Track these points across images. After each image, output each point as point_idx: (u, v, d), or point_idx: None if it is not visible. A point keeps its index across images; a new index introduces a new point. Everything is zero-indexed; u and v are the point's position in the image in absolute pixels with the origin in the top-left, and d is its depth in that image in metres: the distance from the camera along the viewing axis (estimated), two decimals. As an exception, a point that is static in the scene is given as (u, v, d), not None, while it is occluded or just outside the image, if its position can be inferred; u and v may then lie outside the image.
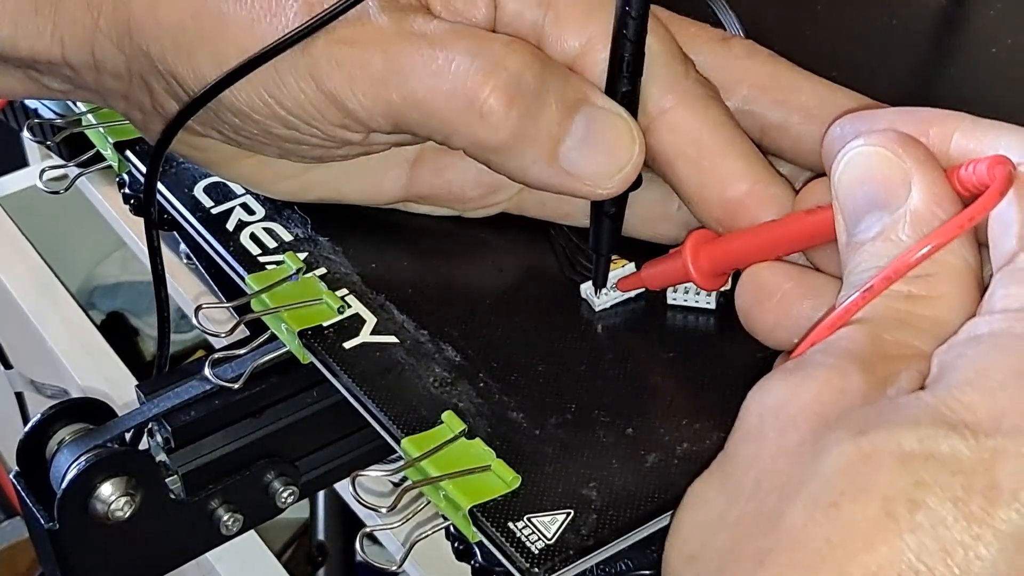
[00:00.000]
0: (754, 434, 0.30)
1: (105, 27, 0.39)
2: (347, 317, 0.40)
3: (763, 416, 0.30)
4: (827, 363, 0.29)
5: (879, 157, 0.31)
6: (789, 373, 0.30)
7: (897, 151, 0.31)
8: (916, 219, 0.31)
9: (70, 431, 0.40)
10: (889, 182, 0.31)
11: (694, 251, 0.38)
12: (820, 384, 0.29)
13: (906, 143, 0.31)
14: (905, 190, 0.31)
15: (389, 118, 0.37)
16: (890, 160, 0.31)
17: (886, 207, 0.31)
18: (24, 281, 0.71)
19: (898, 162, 0.31)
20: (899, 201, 0.31)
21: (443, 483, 0.35)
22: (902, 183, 0.31)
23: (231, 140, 0.40)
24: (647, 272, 0.40)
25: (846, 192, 0.32)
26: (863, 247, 0.31)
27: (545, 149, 0.37)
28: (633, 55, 0.37)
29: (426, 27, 0.37)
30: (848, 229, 0.32)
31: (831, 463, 0.27)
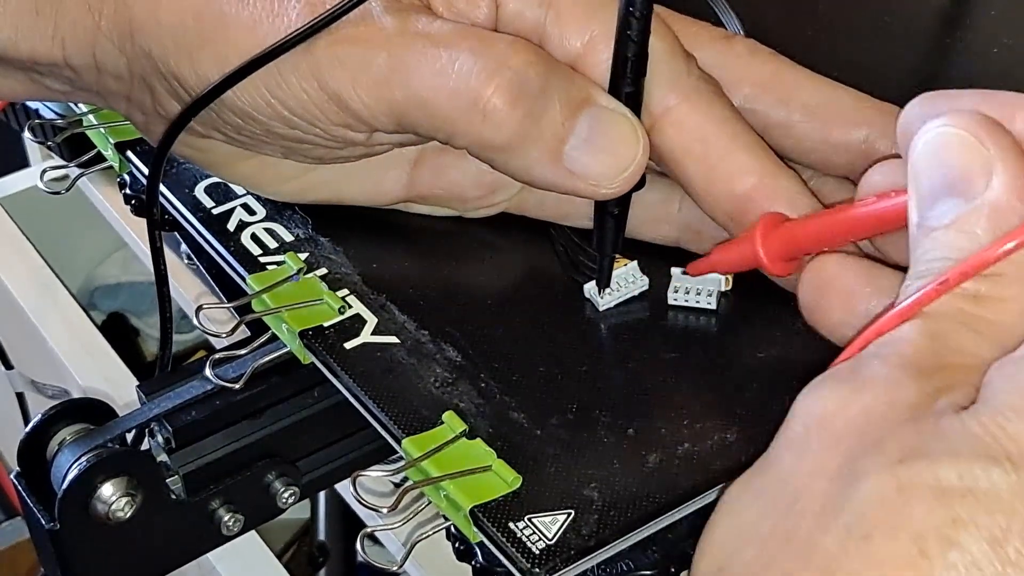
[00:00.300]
0: (797, 445, 0.29)
1: (106, 28, 0.39)
2: (348, 317, 0.40)
3: (808, 427, 0.29)
4: (881, 374, 0.28)
5: (960, 140, 0.30)
6: (842, 382, 0.29)
7: (980, 136, 0.30)
8: (994, 212, 0.29)
9: (71, 431, 0.40)
10: (969, 169, 0.29)
11: (764, 235, 0.37)
12: (870, 399, 0.28)
13: (991, 129, 0.30)
14: (985, 179, 0.29)
15: (392, 117, 0.37)
16: (972, 145, 0.30)
17: (963, 195, 0.30)
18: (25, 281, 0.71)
19: (980, 148, 0.29)
20: (977, 190, 0.29)
21: (444, 483, 0.35)
22: (982, 171, 0.29)
23: (233, 141, 0.40)
24: (717, 256, 0.39)
25: (922, 172, 0.31)
26: (934, 233, 0.30)
27: (549, 149, 0.37)
28: (637, 55, 0.36)
29: (429, 27, 0.37)
30: (920, 211, 0.31)
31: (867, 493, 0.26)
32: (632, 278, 0.40)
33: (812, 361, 0.37)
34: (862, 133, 0.39)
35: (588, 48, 0.38)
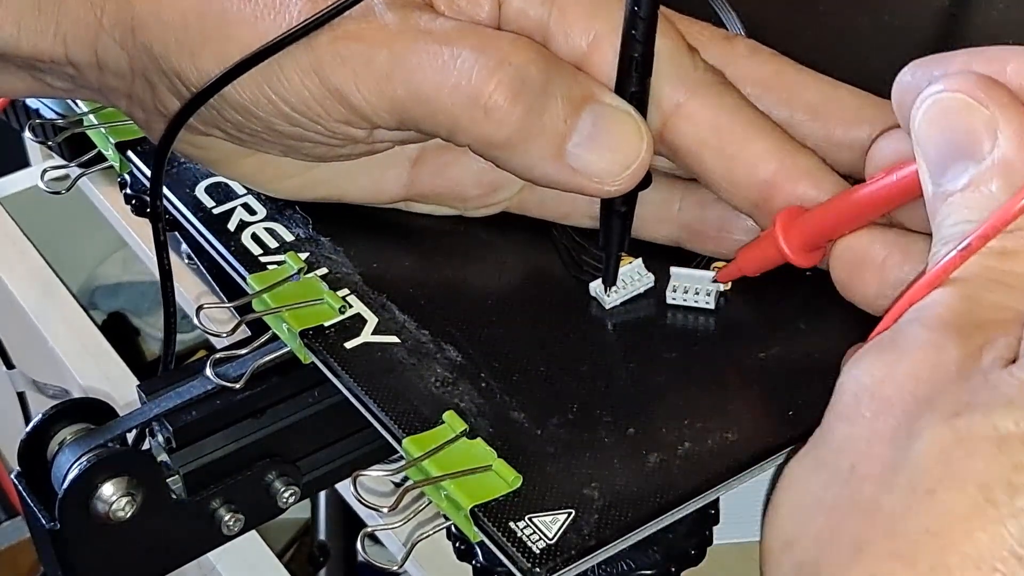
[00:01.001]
0: (849, 415, 0.29)
1: (108, 25, 0.39)
2: (348, 317, 0.40)
3: (858, 396, 0.29)
4: (922, 337, 0.28)
5: (959, 103, 0.30)
6: (884, 349, 0.29)
7: (979, 95, 0.30)
8: (1007, 169, 0.29)
9: (71, 431, 0.40)
10: (973, 130, 0.30)
11: (785, 230, 0.37)
12: (915, 361, 0.28)
13: (987, 86, 0.30)
14: (991, 138, 0.29)
15: (394, 114, 0.37)
16: (972, 106, 0.30)
17: (972, 156, 0.30)
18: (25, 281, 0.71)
19: (980, 108, 0.30)
20: (985, 149, 0.29)
21: (444, 483, 0.35)
22: (987, 130, 0.29)
23: (233, 138, 0.40)
24: (742, 259, 0.39)
25: (928, 141, 0.31)
26: (950, 199, 0.30)
27: (551, 146, 0.37)
28: (642, 55, 0.37)
29: (431, 24, 0.37)
30: (933, 179, 0.31)
31: (926, 449, 0.26)
32: (638, 275, 0.40)
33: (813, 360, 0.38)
34: (864, 131, 0.39)
35: (593, 47, 0.38)
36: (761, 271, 0.39)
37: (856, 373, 0.29)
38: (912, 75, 0.32)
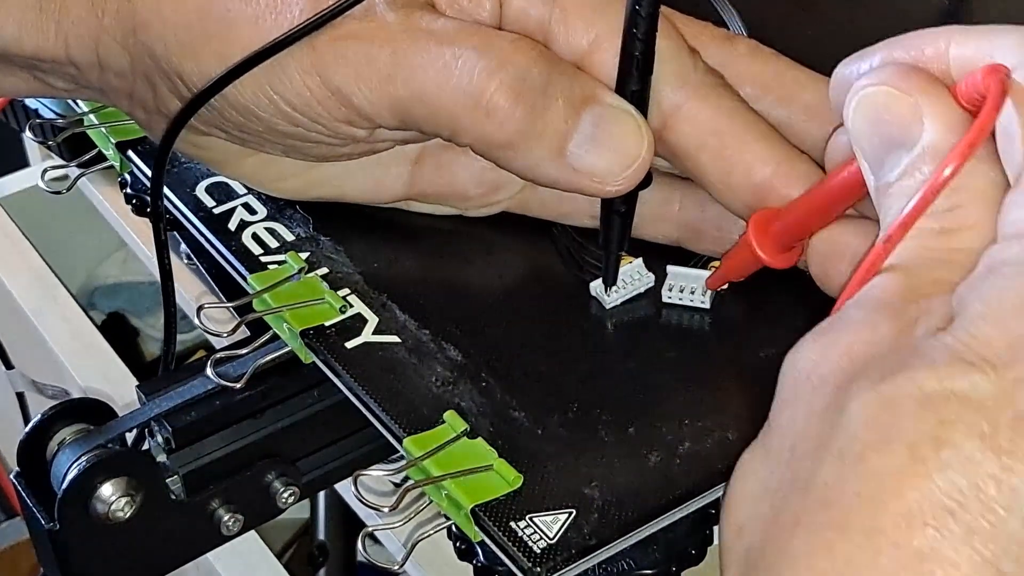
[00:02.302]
0: (789, 400, 0.29)
1: (110, 26, 0.39)
2: (349, 317, 0.40)
3: (796, 380, 0.29)
4: (857, 318, 0.29)
5: (885, 95, 0.30)
6: (821, 333, 0.29)
7: (900, 85, 0.30)
8: (935, 153, 0.29)
9: (71, 431, 0.40)
10: (901, 119, 0.30)
11: (757, 234, 0.37)
12: (850, 339, 0.28)
13: (907, 75, 0.30)
14: (919, 124, 0.30)
15: (395, 114, 0.37)
16: (896, 96, 0.30)
17: (903, 145, 0.30)
18: (25, 281, 0.71)
19: (904, 97, 0.30)
20: (915, 136, 0.30)
21: (445, 482, 0.35)
22: (914, 117, 0.30)
23: (234, 138, 0.40)
24: (725, 266, 0.39)
25: (862, 136, 0.31)
26: (890, 190, 0.31)
27: (552, 146, 0.37)
28: (643, 53, 0.37)
29: (433, 24, 0.37)
30: (873, 173, 0.31)
31: (854, 417, 0.27)
32: (638, 275, 0.41)
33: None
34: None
35: (594, 47, 0.38)
36: (746, 275, 0.39)
37: (794, 359, 0.30)
38: (844, 71, 0.33)
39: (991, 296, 0.27)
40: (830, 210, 0.36)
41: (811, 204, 0.36)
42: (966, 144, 0.28)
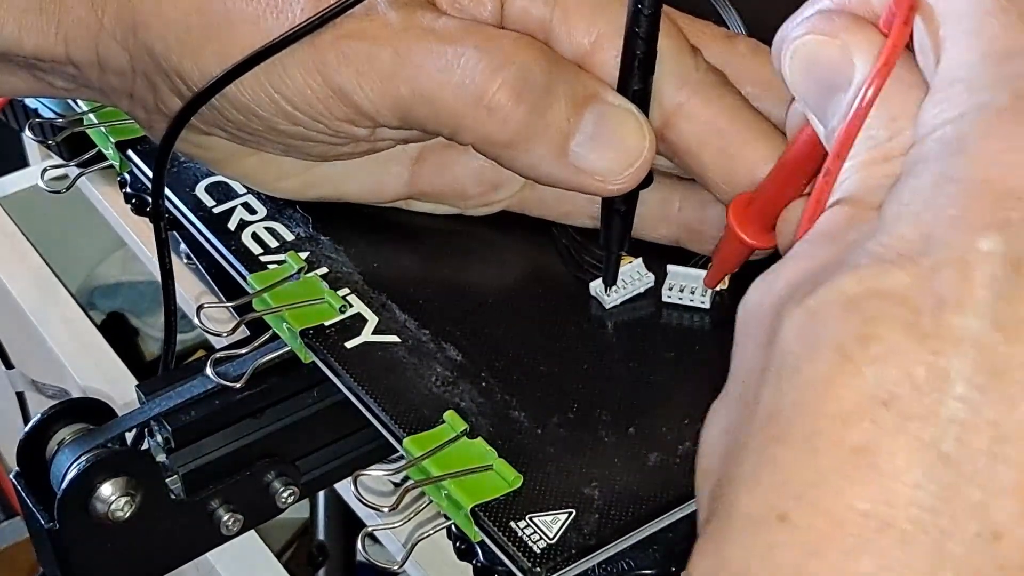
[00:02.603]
0: (740, 342, 0.29)
1: (109, 25, 0.39)
2: (349, 316, 0.40)
3: (745, 321, 0.29)
4: (799, 251, 0.29)
5: (813, 43, 0.31)
6: (765, 274, 0.29)
7: (826, 30, 0.30)
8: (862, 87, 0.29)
9: (70, 431, 0.40)
10: (832, 63, 0.30)
11: (738, 218, 0.37)
12: (789, 272, 0.28)
13: (830, 18, 0.31)
14: (849, 64, 0.30)
15: (397, 112, 0.37)
16: (824, 42, 0.30)
17: (839, 87, 0.30)
18: (24, 281, 0.71)
19: (831, 40, 0.30)
20: (849, 76, 0.30)
21: (445, 482, 0.35)
22: (843, 58, 0.30)
23: (234, 137, 0.40)
24: (717, 261, 0.39)
25: (801, 88, 0.32)
26: (836, 132, 0.30)
27: (554, 145, 0.37)
28: (645, 53, 0.37)
29: (434, 23, 0.37)
30: (821, 121, 0.32)
31: (786, 335, 0.27)
32: (638, 275, 0.41)
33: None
34: (863, 131, 0.39)
35: (595, 46, 0.38)
36: (738, 264, 0.39)
37: (743, 302, 0.30)
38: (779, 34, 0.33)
39: (904, 195, 0.27)
40: (798, 175, 0.36)
41: (779, 174, 0.36)
42: (880, 65, 0.29)
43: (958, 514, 0.24)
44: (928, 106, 0.28)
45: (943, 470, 0.24)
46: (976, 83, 0.27)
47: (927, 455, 0.24)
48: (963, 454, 0.24)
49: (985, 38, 0.27)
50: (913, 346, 0.25)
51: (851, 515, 0.24)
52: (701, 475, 0.29)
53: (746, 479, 0.26)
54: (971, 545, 0.24)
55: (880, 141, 0.29)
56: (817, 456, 0.25)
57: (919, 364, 0.25)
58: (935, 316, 0.25)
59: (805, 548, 0.25)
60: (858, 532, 0.24)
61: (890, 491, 0.24)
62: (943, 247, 0.25)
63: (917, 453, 0.24)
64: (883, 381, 0.25)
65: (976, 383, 0.24)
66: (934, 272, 0.25)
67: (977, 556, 0.24)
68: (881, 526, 0.24)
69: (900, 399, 0.25)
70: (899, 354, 0.25)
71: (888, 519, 0.24)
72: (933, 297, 0.25)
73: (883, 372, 0.25)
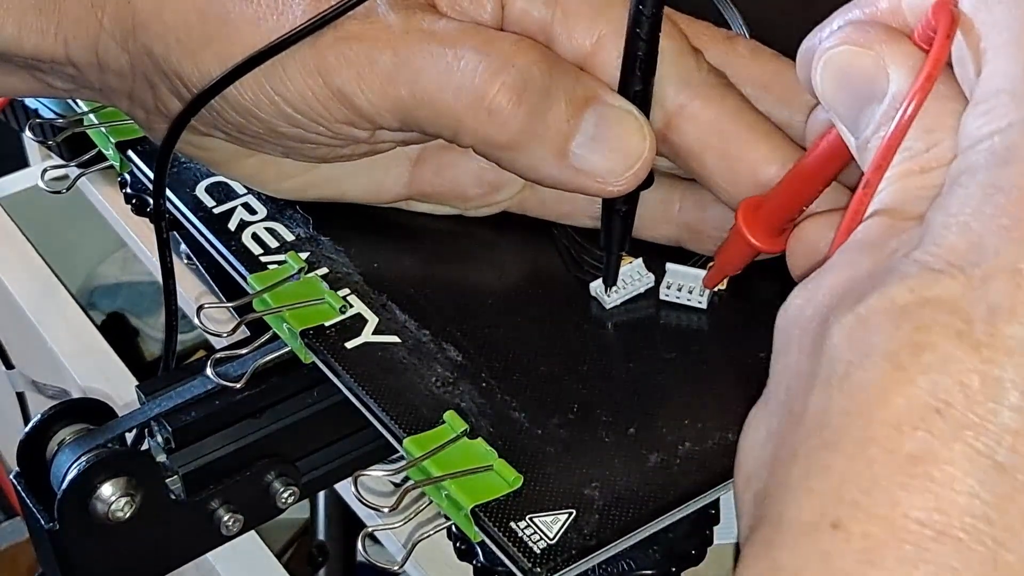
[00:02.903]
0: (782, 349, 0.29)
1: (109, 26, 0.39)
2: (349, 317, 0.40)
3: (787, 329, 0.29)
4: (840, 260, 0.29)
5: (847, 54, 0.31)
6: (807, 282, 0.29)
7: (860, 40, 0.31)
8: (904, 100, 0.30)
9: (70, 431, 0.40)
10: (866, 74, 0.30)
11: (747, 219, 0.37)
12: (832, 281, 0.28)
13: (865, 30, 0.31)
14: (884, 75, 0.30)
15: (397, 115, 0.37)
16: (858, 53, 0.31)
17: (873, 98, 0.30)
18: (25, 281, 0.71)
19: (865, 51, 0.30)
20: (883, 87, 0.30)
21: (445, 483, 0.35)
22: (878, 69, 0.30)
23: (234, 139, 0.40)
24: (720, 259, 0.39)
25: (834, 99, 0.32)
26: (869, 144, 0.31)
27: (554, 146, 0.37)
28: (647, 54, 0.37)
29: (434, 25, 0.37)
30: (852, 133, 0.32)
31: (835, 341, 0.27)
32: (638, 275, 0.41)
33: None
34: (862, 132, 0.39)
35: (596, 47, 0.38)
36: (741, 267, 0.39)
37: (784, 311, 0.30)
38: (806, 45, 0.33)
39: (951, 206, 0.27)
40: (814, 183, 0.36)
41: (795, 179, 0.36)
42: (923, 79, 0.29)
43: (1013, 524, 0.24)
44: (971, 117, 0.28)
45: (998, 479, 0.24)
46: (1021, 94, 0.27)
47: (982, 464, 0.24)
48: (1018, 463, 0.24)
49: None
50: (966, 355, 0.25)
51: (907, 523, 0.24)
52: (743, 481, 0.29)
53: (797, 486, 0.26)
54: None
55: (917, 152, 0.29)
56: (871, 463, 0.25)
57: (973, 373, 0.25)
58: (988, 325, 0.25)
59: (860, 556, 0.25)
60: (914, 540, 0.24)
61: (945, 500, 0.24)
62: (994, 256, 0.25)
63: (971, 462, 0.24)
64: (937, 389, 0.25)
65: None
66: (985, 281, 0.25)
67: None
68: (937, 535, 0.24)
69: (954, 408, 0.25)
70: (952, 363, 0.25)
71: (944, 528, 0.24)
72: (985, 306, 0.25)
73: (937, 380, 0.25)
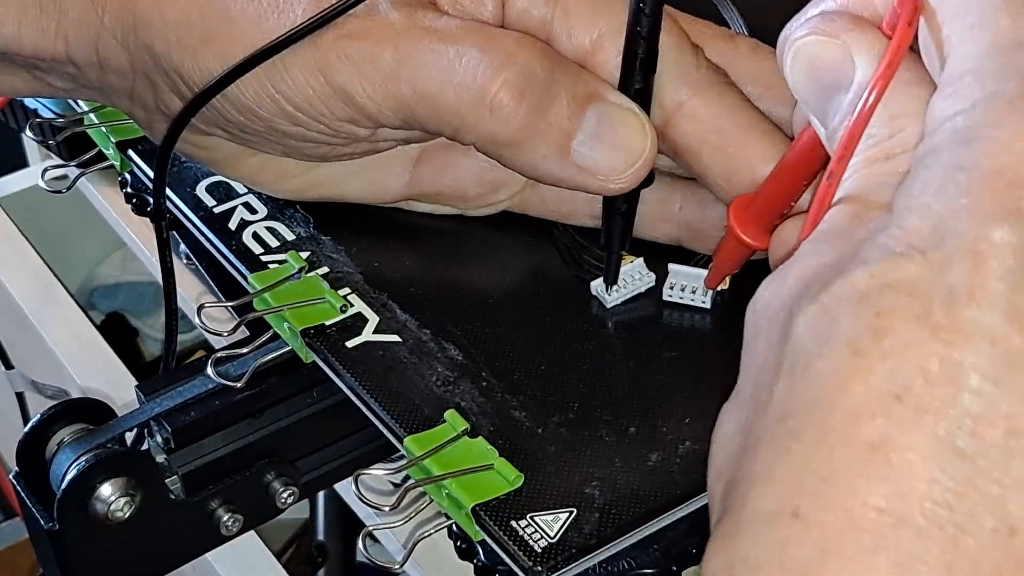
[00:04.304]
0: (751, 342, 0.29)
1: (110, 24, 0.39)
2: (349, 316, 0.40)
3: (755, 322, 0.29)
4: (805, 250, 0.29)
5: (815, 44, 0.30)
6: (773, 275, 0.29)
7: (827, 30, 0.30)
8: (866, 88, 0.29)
9: (70, 431, 0.40)
10: (833, 63, 0.30)
11: (738, 218, 0.37)
12: (797, 271, 0.28)
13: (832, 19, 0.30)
14: (850, 64, 0.30)
15: (398, 112, 0.37)
16: (825, 42, 0.30)
17: (840, 87, 0.30)
18: (24, 281, 0.71)
19: (832, 41, 0.30)
20: (849, 76, 0.30)
21: (446, 482, 0.35)
22: (844, 59, 0.30)
23: (235, 138, 0.40)
24: (717, 262, 0.39)
25: (803, 89, 0.31)
26: (837, 134, 0.30)
27: (556, 144, 0.37)
28: (647, 52, 0.37)
29: (436, 22, 0.37)
30: (821, 123, 0.31)
31: (799, 331, 0.26)
32: (639, 275, 0.41)
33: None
34: (863, 131, 0.39)
35: (596, 46, 0.38)
36: (738, 265, 0.39)
37: (750, 306, 0.29)
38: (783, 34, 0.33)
39: (914, 188, 0.27)
40: (799, 176, 0.35)
41: (779, 175, 0.36)
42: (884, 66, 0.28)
43: (974, 509, 0.24)
44: (937, 100, 0.28)
45: (958, 464, 0.24)
46: (985, 74, 0.27)
47: (942, 449, 0.24)
48: (978, 448, 0.24)
49: (991, 31, 0.27)
50: (926, 339, 0.25)
51: (866, 511, 0.24)
52: (714, 474, 0.29)
53: (759, 475, 0.26)
54: (987, 540, 0.24)
55: (881, 139, 0.29)
56: (831, 452, 0.25)
57: (932, 357, 0.25)
58: (947, 308, 0.25)
59: (819, 545, 0.24)
60: (873, 528, 0.24)
61: (905, 486, 0.24)
62: (954, 237, 0.25)
63: (931, 448, 0.24)
64: (896, 375, 0.25)
65: (990, 376, 0.24)
66: (945, 263, 0.25)
67: (993, 551, 0.24)
68: (896, 522, 0.24)
69: (913, 393, 0.24)
70: (912, 347, 0.25)
71: (903, 515, 0.24)
72: (945, 288, 0.25)
73: (896, 366, 0.25)
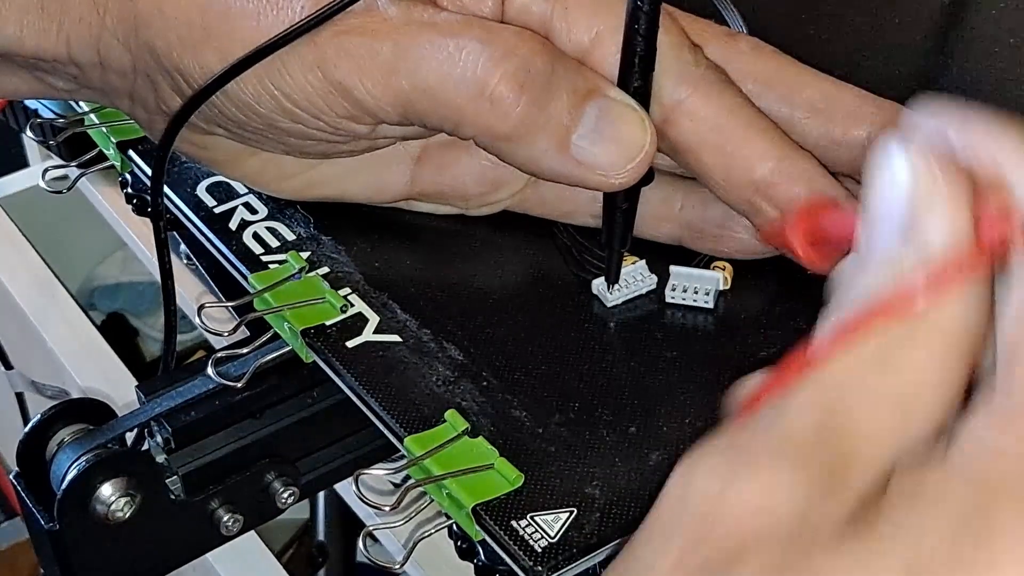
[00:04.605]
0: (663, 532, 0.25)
1: (111, 24, 0.39)
2: (350, 316, 0.40)
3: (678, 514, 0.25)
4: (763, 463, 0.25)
5: (909, 172, 0.27)
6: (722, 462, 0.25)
7: (935, 173, 0.26)
8: (926, 259, 0.26)
9: (70, 432, 0.40)
10: (911, 202, 0.26)
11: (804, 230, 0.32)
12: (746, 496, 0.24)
13: (943, 166, 0.27)
14: (924, 215, 0.26)
15: (398, 107, 0.37)
16: (919, 179, 0.26)
17: (902, 228, 0.26)
18: (24, 281, 0.71)
19: (926, 184, 0.26)
20: (916, 227, 0.26)
21: (446, 482, 0.35)
22: (923, 207, 0.26)
23: (235, 136, 0.40)
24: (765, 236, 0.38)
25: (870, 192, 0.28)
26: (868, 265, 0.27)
27: (556, 138, 0.37)
28: (645, 50, 0.37)
29: (435, 17, 0.37)
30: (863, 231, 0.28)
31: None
32: (640, 276, 0.41)
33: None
34: (864, 130, 0.39)
35: (595, 43, 0.38)
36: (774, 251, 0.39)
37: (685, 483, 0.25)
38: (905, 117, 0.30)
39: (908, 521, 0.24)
40: None
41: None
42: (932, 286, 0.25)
43: None
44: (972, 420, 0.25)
45: None
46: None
47: None
48: None
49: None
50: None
51: None
52: None
53: None
54: None
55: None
56: None
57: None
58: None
59: None
60: None
61: None
62: None
63: None
64: None
65: None
66: None
67: None
68: None
69: None
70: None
71: None
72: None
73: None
